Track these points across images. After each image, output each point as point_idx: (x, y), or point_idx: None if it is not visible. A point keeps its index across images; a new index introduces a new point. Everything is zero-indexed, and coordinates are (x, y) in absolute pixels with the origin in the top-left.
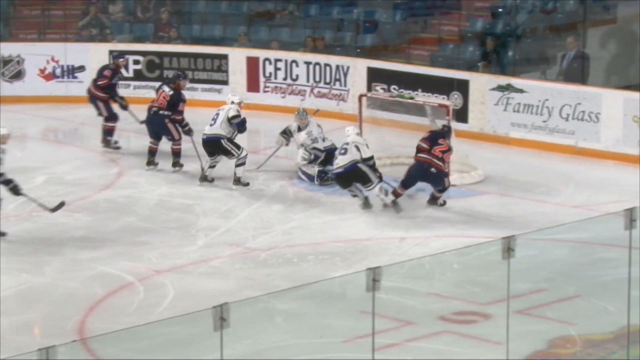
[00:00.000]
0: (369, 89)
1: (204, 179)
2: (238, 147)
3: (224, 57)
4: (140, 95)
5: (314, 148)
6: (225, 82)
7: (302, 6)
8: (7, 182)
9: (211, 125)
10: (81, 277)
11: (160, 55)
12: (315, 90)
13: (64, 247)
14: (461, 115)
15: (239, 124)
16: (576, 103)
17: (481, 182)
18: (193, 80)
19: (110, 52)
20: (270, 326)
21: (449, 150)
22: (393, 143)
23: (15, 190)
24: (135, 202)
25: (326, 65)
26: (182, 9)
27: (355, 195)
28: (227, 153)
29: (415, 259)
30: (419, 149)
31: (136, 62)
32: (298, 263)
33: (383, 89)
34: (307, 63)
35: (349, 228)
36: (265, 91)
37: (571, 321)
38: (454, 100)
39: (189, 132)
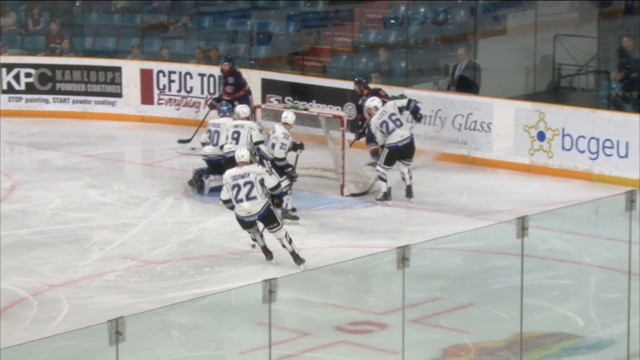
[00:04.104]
0: (264, 100)
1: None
2: None
3: (117, 69)
4: (33, 109)
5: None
6: (119, 95)
7: (196, 18)
8: (287, 166)
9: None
10: None
11: (53, 68)
12: (210, 102)
13: None
14: (355, 126)
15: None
16: (468, 113)
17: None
18: (86, 93)
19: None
20: (166, 339)
21: None
22: None
23: (292, 177)
24: (28, 216)
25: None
26: (74, 21)
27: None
28: None
29: (311, 269)
30: None
31: (28, 75)
32: (194, 275)
33: (277, 100)
34: (202, 75)
35: (245, 240)
36: (159, 103)
37: (465, 329)
38: (347, 111)
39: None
